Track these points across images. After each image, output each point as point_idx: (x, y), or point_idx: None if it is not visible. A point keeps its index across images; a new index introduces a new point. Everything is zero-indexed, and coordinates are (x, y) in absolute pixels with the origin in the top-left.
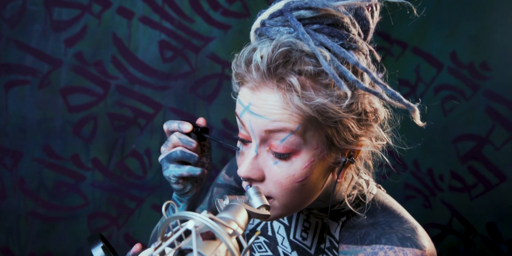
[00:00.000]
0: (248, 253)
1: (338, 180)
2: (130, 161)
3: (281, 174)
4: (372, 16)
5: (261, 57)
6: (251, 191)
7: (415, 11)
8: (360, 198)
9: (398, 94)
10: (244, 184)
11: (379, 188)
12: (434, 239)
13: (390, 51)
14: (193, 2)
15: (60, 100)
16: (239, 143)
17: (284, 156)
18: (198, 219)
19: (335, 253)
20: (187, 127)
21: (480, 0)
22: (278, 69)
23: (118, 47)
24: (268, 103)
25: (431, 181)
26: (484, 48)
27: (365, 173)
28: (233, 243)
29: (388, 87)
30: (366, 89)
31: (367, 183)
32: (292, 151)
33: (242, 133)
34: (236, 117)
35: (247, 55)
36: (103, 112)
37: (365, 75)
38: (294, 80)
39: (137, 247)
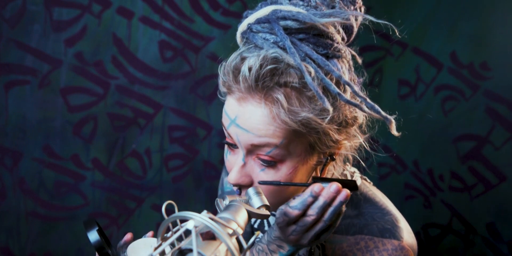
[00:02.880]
0: (248, 253)
1: (322, 173)
2: (130, 161)
3: (267, 179)
4: (356, 19)
5: (249, 70)
6: (251, 191)
7: (397, 33)
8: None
9: (377, 107)
10: (234, 188)
11: (365, 179)
12: (434, 239)
13: (390, 51)
14: (193, 2)
15: (60, 100)
16: (226, 148)
17: (270, 164)
18: (198, 219)
19: (322, 242)
20: None
21: (480, 0)
22: (265, 83)
23: (118, 47)
24: (254, 118)
25: (431, 181)
26: (484, 48)
27: (348, 162)
28: (233, 243)
29: (368, 99)
30: (348, 102)
31: (352, 175)
32: (277, 160)
33: (229, 138)
34: (223, 127)
35: (235, 65)
36: (103, 112)
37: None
38: (280, 96)
39: (128, 236)
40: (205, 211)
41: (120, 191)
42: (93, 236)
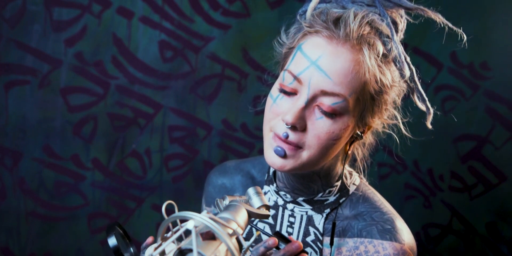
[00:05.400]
0: (248, 253)
1: (348, 152)
2: (130, 161)
3: (322, 129)
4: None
5: (354, 16)
6: (251, 191)
7: (457, 29)
8: (340, 188)
9: (425, 95)
10: (283, 129)
11: (361, 179)
12: (434, 239)
13: None
14: (193, 2)
15: (60, 100)
16: (276, 92)
17: (330, 115)
18: (198, 219)
19: (320, 246)
20: None
21: (481, 1)
22: (364, 32)
23: (118, 47)
24: (339, 61)
25: (431, 181)
26: (484, 48)
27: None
28: (233, 243)
29: (420, 86)
30: (412, 79)
31: (350, 174)
32: (338, 113)
33: (289, 87)
34: (287, 73)
35: (336, 11)
36: (103, 112)
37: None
38: (379, 45)
39: (149, 239)
40: (205, 211)
41: (120, 191)
42: (111, 241)
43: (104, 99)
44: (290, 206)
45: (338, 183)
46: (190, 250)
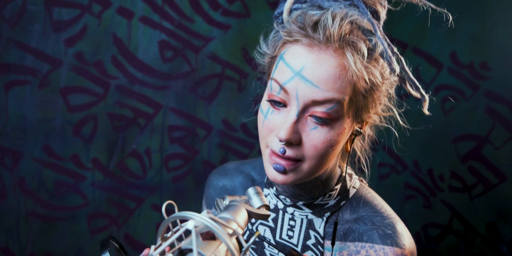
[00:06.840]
0: (248, 253)
1: (350, 151)
2: (130, 161)
3: (318, 139)
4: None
5: (333, 19)
6: (251, 191)
7: (441, 9)
8: (343, 192)
9: (418, 83)
10: (279, 145)
11: (361, 181)
12: (434, 239)
13: None
14: (193, 2)
15: (60, 100)
16: (266, 106)
17: (324, 122)
18: (198, 219)
19: (320, 249)
20: None
21: (480, 0)
22: (344, 33)
23: (118, 47)
24: (324, 68)
25: (431, 181)
26: (484, 48)
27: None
28: (233, 243)
29: (411, 75)
30: (403, 69)
31: (350, 177)
32: (333, 118)
33: (277, 96)
34: (273, 82)
35: (309, 15)
36: (103, 112)
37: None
38: (363, 46)
39: (146, 251)
40: (205, 211)
41: (120, 191)
42: None
43: (104, 99)
44: (290, 209)
45: (338, 187)
46: (190, 250)
